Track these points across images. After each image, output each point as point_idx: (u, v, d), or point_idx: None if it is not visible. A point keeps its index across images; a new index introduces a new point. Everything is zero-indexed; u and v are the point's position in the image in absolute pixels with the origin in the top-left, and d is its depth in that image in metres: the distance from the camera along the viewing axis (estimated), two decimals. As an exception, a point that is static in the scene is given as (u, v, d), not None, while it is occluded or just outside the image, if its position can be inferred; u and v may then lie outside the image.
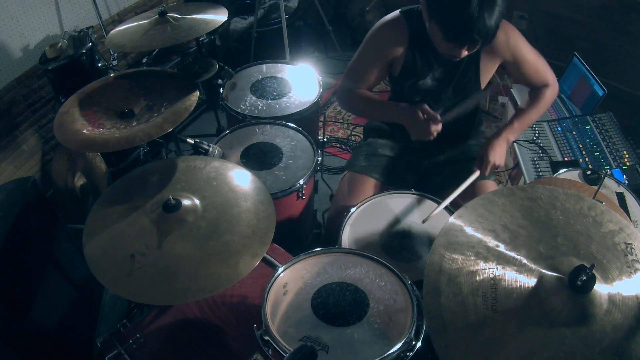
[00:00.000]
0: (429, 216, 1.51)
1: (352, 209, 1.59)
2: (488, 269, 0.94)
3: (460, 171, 1.75)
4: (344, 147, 3.01)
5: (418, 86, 1.67)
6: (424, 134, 1.56)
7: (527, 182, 2.01)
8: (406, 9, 1.61)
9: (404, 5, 1.63)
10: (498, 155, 1.62)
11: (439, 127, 1.55)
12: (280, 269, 1.31)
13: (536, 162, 2.08)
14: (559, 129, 2.22)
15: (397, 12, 1.62)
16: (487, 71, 1.65)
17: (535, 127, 2.24)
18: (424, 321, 1.16)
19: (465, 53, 1.42)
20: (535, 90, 1.70)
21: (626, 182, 1.92)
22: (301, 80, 2.19)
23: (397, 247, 1.49)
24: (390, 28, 1.61)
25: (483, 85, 1.68)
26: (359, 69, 1.70)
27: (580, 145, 2.13)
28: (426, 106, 1.56)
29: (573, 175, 1.79)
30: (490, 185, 1.71)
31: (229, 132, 1.93)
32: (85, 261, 1.18)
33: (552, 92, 1.69)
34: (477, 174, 1.61)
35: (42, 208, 1.76)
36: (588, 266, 0.87)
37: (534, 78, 1.67)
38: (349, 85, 1.72)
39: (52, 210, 1.82)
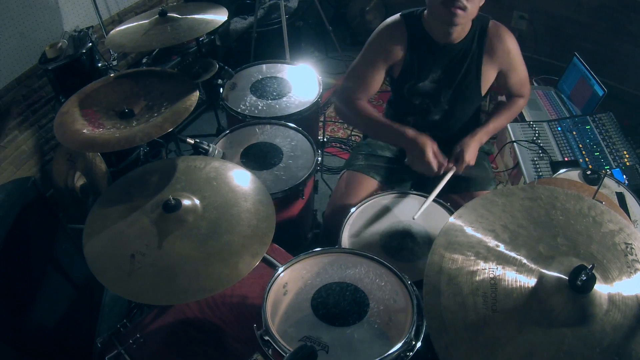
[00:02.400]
0: (418, 213, 1.52)
1: (352, 209, 1.59)
2: (488, 269, 0.94)
3: (460, 175, 1.75)
4: (344, 147, 3.01)
5: (417, 88, 1.67)
6: (427, 171, 1.58)
7: (527, 182, 2.01)
8: (407, 12, 1.63)
9: (404, 5, 1.64)
10: (472, 154, 1.64)
11: (444, 167, 1.58)
12: (280, 269, 1.31)
13: (536, 162, 2.08)
14: (559, 129, 2.22)
15: (397, 15, 1.64)
16: (487, 77, 1.66)
17: (535, 127, 2.24)
18: (424, 321, 1.16)
19: (460, 12, 1.43)
20: (510, 98, 1.78)
21: (626, 182, 1.92)
22: (301, 80, 2.19)
23: (397, 247, 1.49)
24: (390, 31, 1.63)
25: (484, 91, 1.69)
26: (360, 73, 1.70)
27: (580, 145, 2.13)
28: (436, 147, 1.57)
29: (573, 175, 1.79)
30: None
31: (229, 132, 1.93)
32: (85, 261, 1.18)
33: (524, 102, 1.79)
34: (453, 169, 1.62)
35: (42, 208, 1.76)
36: (588, 266, 0.87)
37: (515, 88, 1.74)
38: (349, 91, 1.71)
39: (52, 210, 1.82)
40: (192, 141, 1.61)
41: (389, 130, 1.64)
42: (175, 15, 1.98)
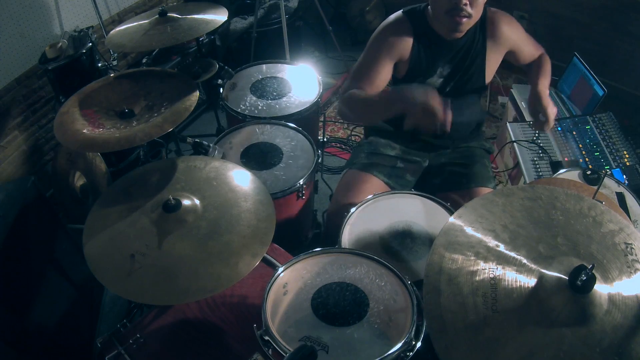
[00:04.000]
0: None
1: (352, 209, 1.59)
2: (488, 269, 0.94)
3: (460, 172, 1.75)
4: (344, 147, 3.01)
5: (426, 85, 1.66)
6: (431, 122, 1.35)
7: (527, 182, 2.01)
8: (408, 8, 1.63)
9: (404, 5, 1.63)
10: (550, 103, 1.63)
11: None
12: (280, 269, 1.31)
13: (536, 162, 2.07)
14: (559, 129, 2.22)
15: (399, 13, 1.63)
16: (492, 63, 1.69)
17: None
18: (424, 321, 1.16)
19: (465, 20, 1.47)
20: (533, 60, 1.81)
21: (626, 182, 1.92)
22: (301, 80, 2.19)
23: (397, 247, 1.49)
24: (395, 27, 1.62)
25: (488, 79, 1.72)
26: (365, 70, 1.61)
27: (580, 145, 2.12)
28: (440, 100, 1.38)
29: (573, 175, 1.79)
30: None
31: (229, 132, 1.93)
32: (85, 261, 1.18)
33: (545, 56, 1.81)
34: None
35: (42, 208, 1.76)
36: (588, 266, 0.87)
37: (530, 56, 1.79)
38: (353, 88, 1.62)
39: (52, 210, 1.82)
40: (192, 141, 1.61)
41: (386, 96, 1.51)
42: (175, 15, 1.98)
